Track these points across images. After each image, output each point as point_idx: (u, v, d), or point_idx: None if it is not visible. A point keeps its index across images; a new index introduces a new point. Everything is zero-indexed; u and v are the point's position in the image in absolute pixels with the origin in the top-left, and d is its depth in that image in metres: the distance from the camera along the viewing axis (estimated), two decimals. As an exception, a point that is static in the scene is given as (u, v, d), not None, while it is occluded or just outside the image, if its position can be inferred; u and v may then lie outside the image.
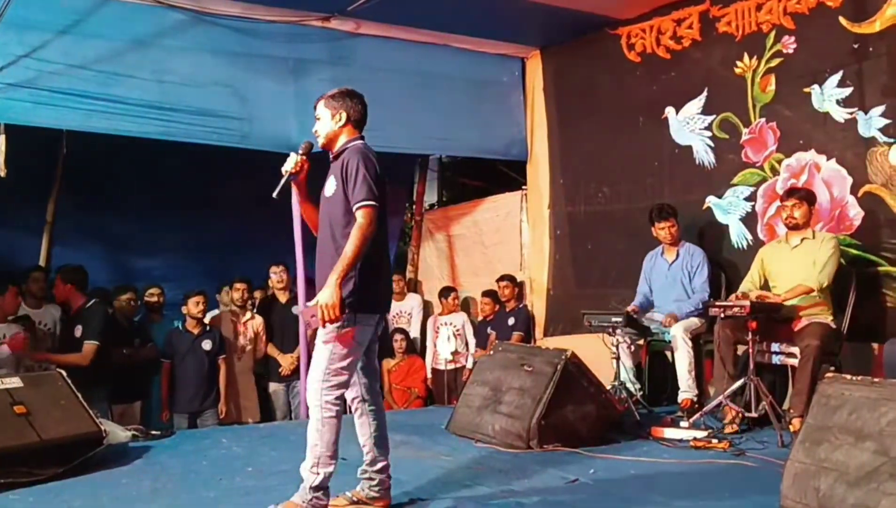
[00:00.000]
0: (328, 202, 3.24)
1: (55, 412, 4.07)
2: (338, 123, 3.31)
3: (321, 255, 3.26)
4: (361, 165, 3.13)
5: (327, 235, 3.21)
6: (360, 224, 3.06)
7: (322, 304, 3.01)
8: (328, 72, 6.29)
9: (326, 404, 3.13)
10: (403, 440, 4.79)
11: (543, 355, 4.76)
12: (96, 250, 6.55)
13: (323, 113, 3.35)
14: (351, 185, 3.11)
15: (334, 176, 3.23)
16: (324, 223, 3.26)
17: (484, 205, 8.19)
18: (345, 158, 3.20)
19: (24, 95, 5.00)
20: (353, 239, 3.05)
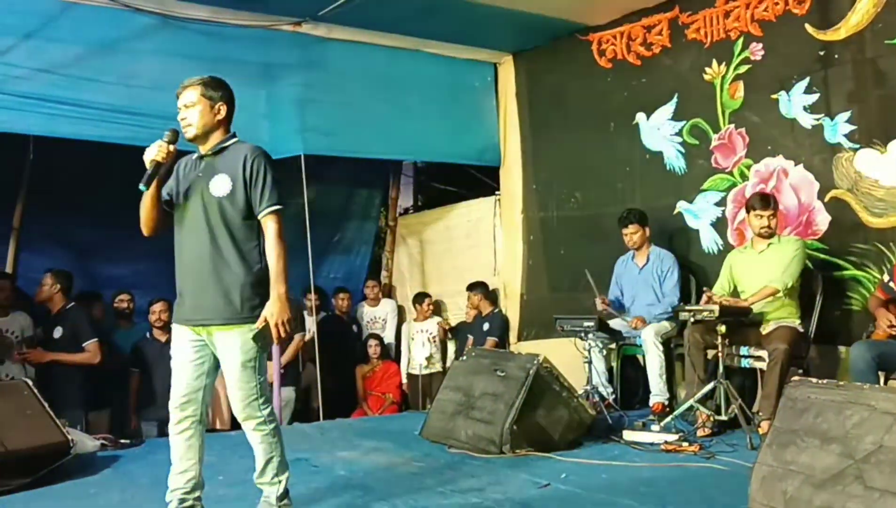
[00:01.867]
0: (219, 202, 3.00)
1: (21, 422, 4.02)
2: (217, 115, 3.07)
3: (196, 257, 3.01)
4: (269, 168, 3.03)
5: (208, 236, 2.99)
6: (275, 231, 2.97)
7: (279, 321, 2.93)
8: (299, 76, 6.28)
9: (269, 416, 3.08)
10: (376, 446, 4.79)
11: (516, 360, 4.76)
12: (64, 257, 6.45)
13: (199, 102, 3.04)
14: (259, 188, 2.98)
15: (226, 174, 3.01)
16: (202, 223, 3.00)
17: (457, 210, 8.19)
18: (241, 156, 3.02)
19: (-11, 99, 4.92)
20: (278, 246, 2.97)
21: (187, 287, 3.06)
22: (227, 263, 2.99)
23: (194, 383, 3.05)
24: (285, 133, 6.19)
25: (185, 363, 3.06)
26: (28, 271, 6.39)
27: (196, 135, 3.06)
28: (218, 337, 3.02)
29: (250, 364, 3.00)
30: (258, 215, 3.00)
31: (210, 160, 3.09)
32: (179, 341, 3.09)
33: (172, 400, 3.07)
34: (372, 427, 5.55)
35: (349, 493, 3.73)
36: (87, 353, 5.56)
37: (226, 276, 2.98)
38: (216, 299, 2.98)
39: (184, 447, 3.06)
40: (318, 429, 5.57)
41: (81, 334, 5.57)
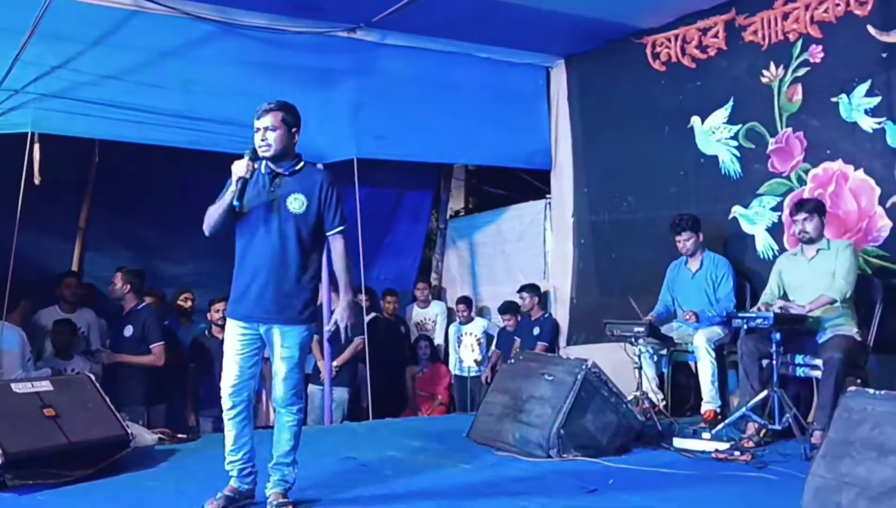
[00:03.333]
0: (295, 218, 3.37)
1: (83, 414, 4.16)
2: (293, 139, 3.45)
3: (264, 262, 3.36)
4: (338, 193, 3.48)
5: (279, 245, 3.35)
6: (344, 246, 3.48)
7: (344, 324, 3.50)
8: (353, 81, 6.36)
9: (301, 409, 3.49)
10: (424, 446, 4.84)
11: (564, 364, 4.77)
12: (127, 256, 6.64)
13: (280, 126, 3.38)
14: (332, 210, 3.43)
15: (302, 194, 3.39)
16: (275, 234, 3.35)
17: (507, 213, 8.21)
18: (317, 181, 3.43)
19: (57, 105, 5.11)
20: (345, 259, 3.47)
21: (251, 287, 3.39)
22: (292, 271, 3.38)
23: (247, 372, 3.42)
24: (339, 137, 6.28)
25: (239, 355, 3.41)
26: (93, 269, 6.63)
27: (273, 155, 3.40)
28: (276, 335, 3.39)
29: (301, 361, 3.45)
30: (327, 233, 3.46)
31: (286, 180, 3.43)
32: (233, 334, 3.44)
33: (225, 388, 3.42)
34: (420, 428, 5.60)
35: (396, 490, 3.79)
36: (153, 356, 5.71)
37: (289, 282, 3.38)
38: (279, 301, 3.37)
39: (238, 428, 3.44)
40: (368, 428, 5.64)
41: (150, 335, 5.71)
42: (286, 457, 3.45)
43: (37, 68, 4.98)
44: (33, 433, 3.85)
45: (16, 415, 3.86)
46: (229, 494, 3.42)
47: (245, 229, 3.42)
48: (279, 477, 3.44)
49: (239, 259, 3.45)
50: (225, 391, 3.41)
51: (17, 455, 3.67)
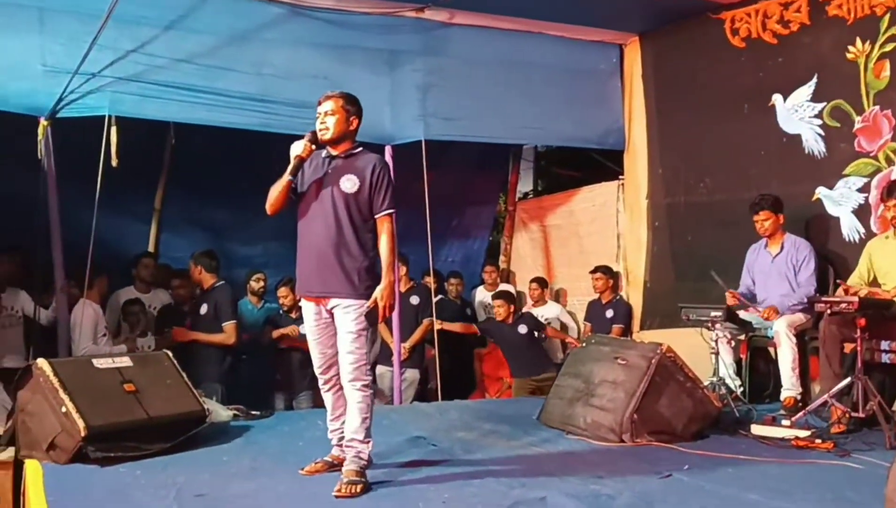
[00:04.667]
0: (346, 197, 3.53)
1: (162, 390, 4.27)
2: (350, 126, 3.61)
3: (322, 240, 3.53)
4: (390, 177, 3.62)
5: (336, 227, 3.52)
6: (391, 229, 3.58)
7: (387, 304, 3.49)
8: (422, 62, 6.33)
9: (371, 381, 3.62)
10: (494, 429, 4.81)
11: (637, 348, 4.67)
12: (201, 237, 6.79)
13: (339, 112, 3.58)
14: (381, 193, 3.57)
15: (355, 175, 3.55)
16: (330, 213, 3.53)
17: (579, 195, 8.07)
18: (370, 163, 3.58)
19: (133, 88, 5.22)
20: (391, 242, 3.56)
21: (312, 265, 3.59)
22: (349, 248, 3.54)
23: (329, 350, 3.63)
24: (407, 118, 6.27)
25: (319, 337, 3.64)
26: (168, 250, 6.79)
27: (331, 138, 3.59)
28: (337, 309, 3.55)
29: (363, 334, 3.54)
30: (376, 215, 3.58)
31: (342, 162, 3.61)
32: (309, 317, 3.66)
33: (316, 368, 3.69)
34: (490, 410, 5.56)
35: (468, 473, 3.75)
36: (224, 334, 5.83)
37: (347, 259, 3.53)
38: (338, 276, 3.52)
39: (334, 398, 3.70)
40: (437, 409, 5.64)
41: (223, 313, 5.84)
42: (357, 434, 3.50)
43: (113, 52, 5.09)
44: (114, 407, 3.96)
45: (98, 390, 3.97)
46: (329, 460, 3.67)
47: (304, 209, 3.62)
48: (353, 455, 3.48)
49: (300, 239, 3.63)
50: (315, 369, 3.69)
51: (100, 429, 3.78)
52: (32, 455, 3.79)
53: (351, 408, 3.53)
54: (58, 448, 3.74)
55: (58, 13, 4.97)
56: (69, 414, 3.73)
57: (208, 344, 5.83)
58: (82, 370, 4.04)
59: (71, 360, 4.38)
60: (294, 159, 3.56)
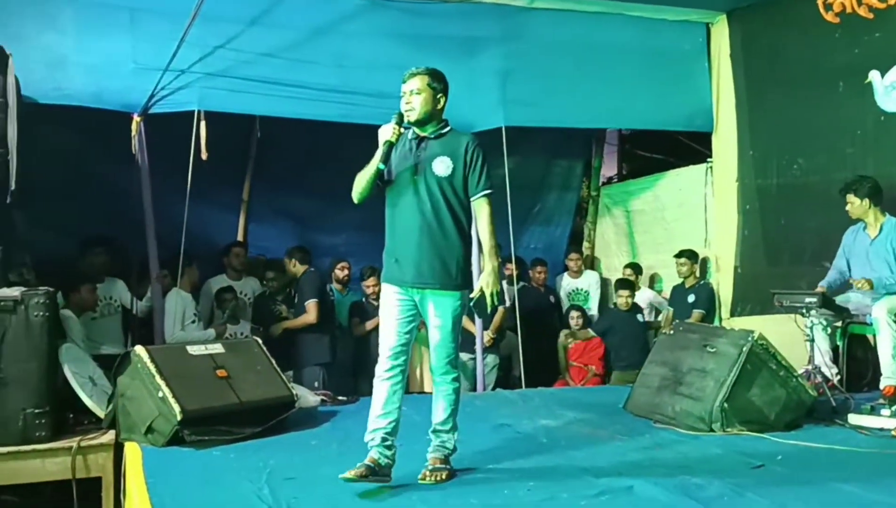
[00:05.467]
0: (440, 181, 3.33)
1: (252, 376, 4.40)
2: (437, 105, 3.42)
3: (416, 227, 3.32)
4: (484, 156, 3.39)
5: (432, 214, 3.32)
6: (489, 212, 3.36)
7: (493, 291, 3.29)
8: (501, 48, 6.28)
9: (456, 378, 3.44)
10: (578, 417, 4.76)
11: (727, 335, 4.54)
12: (286, 227, 6.95)
13: (425, 90, 3.38)
14: (477, 173, 3.35)
15: (447, 156, 3.35)
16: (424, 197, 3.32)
17: (666, 179, 7.88)
18: (462, 143, 3.37)
19: (220, 83, 5.37)
20: (491, 224, 3.35)
21: (405, 253, 3.36)
22: (445, 234, 3.34)
23: (405, 337, 3.38)
24: (486, 106, 6.23)
25: (396, 319, 3.38)
26: (256, 239, 6.97)
27: (417, 119, 3.39)
28: (432, 300, 3.35)
29: (457, 327, 3.39)
30: (472, 197, 3.37)
31: (431, 143, 3.40)
32: (390, 298, 3.42)
33: (384, 350, 3.39)
34: (574, 398, 5.51)
35: (552, 460, 3.74)
36: (304, 315, 5.97)
37: (443, 246, 3.34)
38: (434, 265, 3.33)
39: (389, 392, 3.37)
40: (521, 396, 5.62)
41: (304, 294, 5.99)
42: (444, 424, 3.44)
43: (200, 49, 5.24)
44: (208, 392, 4.10)
45: (192, 376, 4.12)
46: (369, 464, 3.30)
47: (393, 195, 3.42)
48: (439, 443, 3.45)
49: (389, 226, 3.44)
50: (383, 353, 3.38)
51: (194, 413, 3.92)
52: (132, 438, 3.96)
53: (440, 399, 3.44)
54: (155, 432, 3.89)
55: (148, 13, 5.15)
56: (165, 399, 3.87)
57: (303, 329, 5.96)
58: (177, 356, 4.19)
59: (166, 347, 4.56)
60: (383, 145, 3.34)
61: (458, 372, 3.46)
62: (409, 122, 3.39)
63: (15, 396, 3.94)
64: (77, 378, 4.27)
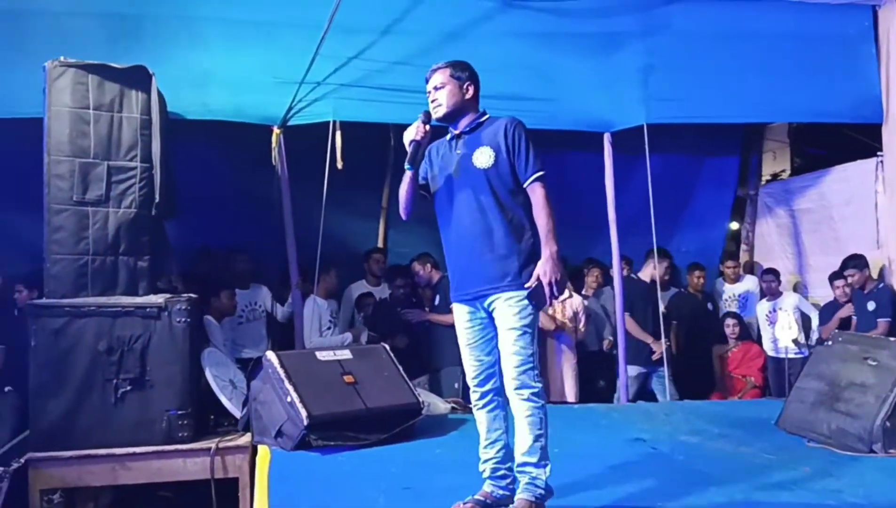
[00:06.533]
0: (486, 174, 3.03)
1: (379, 382, 4.43)
2: (466, 94, 3.17)
3: (466, 232, 3.04)
4: (527, 135, 3.06)
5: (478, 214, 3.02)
6: (543, 196, 3.01)
7: (551, 279, 2.92)
8: (641, 43, 5.97)
9: (541, 390, 2.98)
10: (723, 432, 4.47)
11: (891, 347, 4.09)
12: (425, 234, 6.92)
13: (448, 83, 3.15)
14: (522, 156, 3.03)
15: (487, 146, 3.06)
16: (469, 197, 3.04)
17: (831, 175, 7.26)
18: (500, 128, 3.08)
19: (354, 93, 5.43)
20: (546, 208, 2.99)
21: (459, 263, 3.12)
22: (497, 233, 3.01)
23: (486, 359, 3.10)
24: (626, 103, 5.95)
25: (472, 343, 3.12)
26: (395, 246, 7.06)
27: (446, 114, 3.16)
28: (494, 305, 3.03)
29: (528, 331, 2.96)
30: (524, 183, 3.04)
31: (468, 138, 3.14)
32: (462, 321, 3.16)
33: (469, 379, 3.16)
34: (723, 412, 5.16)
35: (682, 479, 3.52)
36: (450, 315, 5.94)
37: (498, 245, 3.01)
38: (490, 268, 3.01)
39: (489, 418, 3.12)
40: (663, 409, 5.33)
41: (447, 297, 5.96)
42: (530, 455, 2.94)
43: (335, 61, 5.32)
44: (335, 397, 4.17)
45: (320, 381, 4.20)
46: (481, 499, 3.05)
47: (440, 203, 3.18)
48: (527, 481, 2.95)
49: (443, 238, 3.18)
50: (469, 381, 3.16)
51: (321, 418, 3.98)
52: (263, 441, 4.09)
53: (519, 424, 2.96)
54: (284, 436, 3.99)
55: (286, 28, 5.29)
56: (294, 403, 3.96)
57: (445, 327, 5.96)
58: (306, 361, 4.29)
59: (296, 352, 4.68)
60: (409, 146, 3.14)
61: (538, 387, 2.96)
62: (438, 119, 3.17)
63: (159, 398, 4.18)
64: (217, 381, 4.48)
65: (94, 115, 4.18)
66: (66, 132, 4.13)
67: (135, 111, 4.28)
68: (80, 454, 4.04)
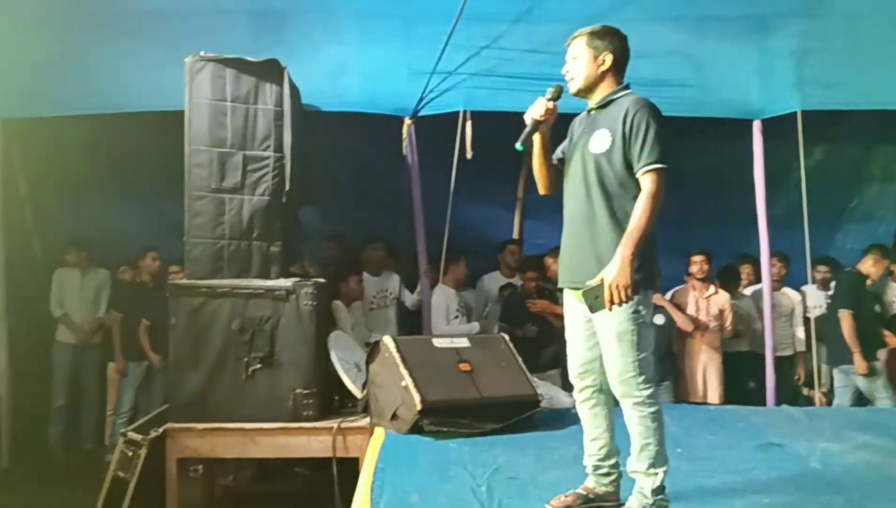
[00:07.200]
0: (596, 159, 2.81)
1: (496, 372, 4.41)
2: (601, 66, 2.89)
3: (577, 225, 2.87)
4: (652, 121, 2.73)
5: (586, 201, 2.83)
6: (651, 191, 2.70)
7: (612, 284, 2.64)
8: (794, 26, 5.58)
9: (647, 398, 2.76)
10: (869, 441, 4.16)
11: None
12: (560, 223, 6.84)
13: (582, 53, 2.90)
14: (639, 142, 2.72)
15: (608, 129, 2.80)
16: (580, 182, 2.84)
17: None
18: (623, 109, 2.78)
19: (485, 82, 5.43)
20: (646, 205, 2.68)
21: (566, 248, 2.96)
22: (600, 225, 2.80)
23: (588, 353, 2.94)
24: (778, 89, 5.60)
25: (576, 333, 2.98)
26: (532, 236, 6.97)
27: (579, 89, 2.94)
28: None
29: (627, 337, 2.75)
30: (636, 174, 2.75)
31: (594, 115, 2.93)
32: (570, 310, 3.01)
33: (570, 370, 3.03)
34: (876, 421, 4.72)
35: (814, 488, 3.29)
36: None
37: (599, 239, 2.80)
38: (590, 262, 2.80)
39: (589, 415, 3.02)
40: (808, 415, 4.96)
41: None
42: (638, 463, 2.80)
43: (467, 50, 5.34)
44: (449, 385, 4.18)
45: (435, 367, 4.23)
46: (583, 493, 3.00)
47: (565, 182, 2.97)
48: (636, 489, 2.83)
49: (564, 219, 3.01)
50: (570, 372, 3.04)
51: (434, 404, 4.02)
52: (380, 423, 4.18)
53: (630, 430, 2.81)
54: (399, 419, 4.06)
55: (420, 19, 5.36)
56: (408, 388, 4.02)
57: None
58: (422, 347, 4.34)
59: (413, 338, 4.72)
60: (529, 123, 2.91)
61: (643, 395, 2.76)
62: (573, 94, 2.95)
63: (287, 377, 4.37)
64: (342, 364, 4.62)
65: (230, 107, 4.42)
66: (205, 124, 4.39)
67: (269, 103, 4.48)
68: (214, 426, 4.29)
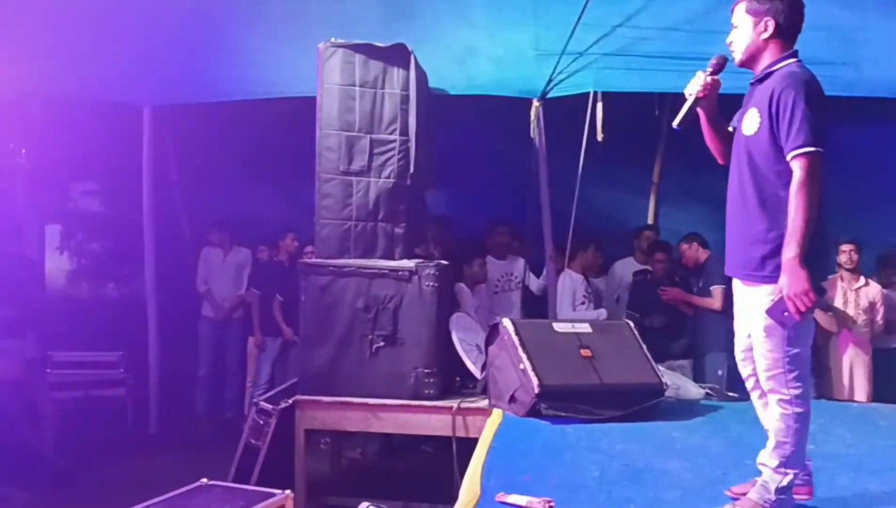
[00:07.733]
0: (747, 142, 2.60)
1: (618, 359, 4.31)
2: (762, 33, 2.62)
3: (732, 209, 2.71)
4: (800, 99, 2.45)
5: (738, 184, 2.66)
6: (800, 179, 2.45)
7: (789, 295, 2.44)
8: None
9: (795, 398, 2.58)
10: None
11: None
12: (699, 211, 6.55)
13: (742, 20, 2.66)
14: (786, 123, 2.47)
15: (757, 109, 2.57)
16: (735, 168, 2.67)
17: None
18: (773, 85, 2.53)
19: (618, 62, 5.25)
20: (799, 196, 2.44)
21: (727, 235, 2.81)
22: (749, 210, 2.62)
23: (748, 340, 2.77)
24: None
25: (738, 319, 2.84)
26: (667, 223, 6.75)
27: (742, 60, 2.72)
28: (743, 295, 2.75)
29: (776, 331, 2.57)
30: (787, 157, 2.52)
31: (752, 89, 2.71)
32: (734, 289, 2.87)
33: (736, 356, 2.90)
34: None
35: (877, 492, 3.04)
36: (711, 298, 5.66)
37: (748, 225, 2.64)
38: (741, 250, 2.68)
39: (759, 405, 2.85)
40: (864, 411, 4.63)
41: (712, 278, 5.67)
42: (770, 458, 2.64)
43: (598, 30, 5.17)
44: (569, 370, 4.12)
45: (555, 352, 4.18)
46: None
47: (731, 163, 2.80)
48: (761, 482, 2.67)
49: None
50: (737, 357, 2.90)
51: (552, 388, 3.98)
52: (498, 405, 4.19)
53: (769, 426, 2.68)
54: (517, 401, 4.05)
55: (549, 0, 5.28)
56: (526, 371, 4.00)
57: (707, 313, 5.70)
58: (542, 332, 4.30)
59: (533, 322, 4.67)
60: (688, 99, 2.77)
61: (792, 393, 2.58)
62: (738, 66, 2.74)
63: (409, 355, 4.47)
64: (463, 345, 4.67)
65: (359, 91, 4.54)
66: (335, 108, 4.54)
67: (395, 87, 4.57)
68: (340, 400, 4.47)
